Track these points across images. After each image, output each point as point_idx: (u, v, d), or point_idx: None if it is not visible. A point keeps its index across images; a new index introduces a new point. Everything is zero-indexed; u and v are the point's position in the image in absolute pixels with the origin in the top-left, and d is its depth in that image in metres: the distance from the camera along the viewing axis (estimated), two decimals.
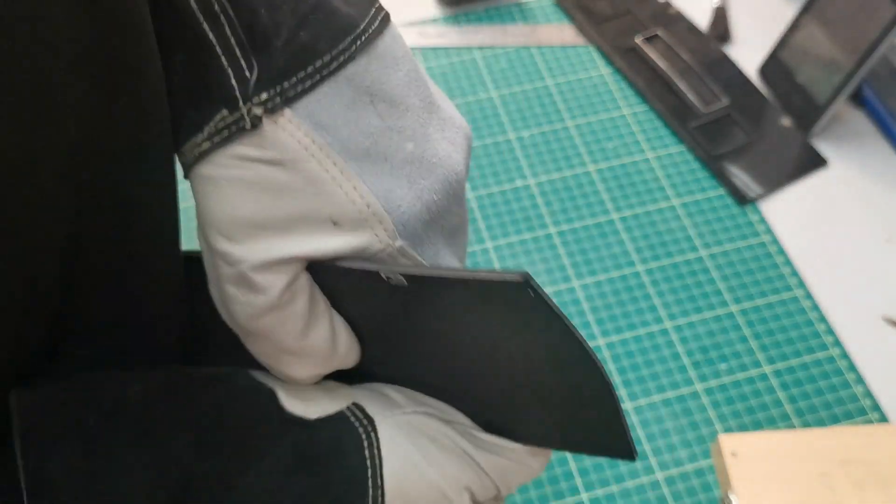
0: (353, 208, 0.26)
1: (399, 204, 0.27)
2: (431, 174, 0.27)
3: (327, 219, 0.26)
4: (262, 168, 0.26)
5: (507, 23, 0.77)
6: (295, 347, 0.28)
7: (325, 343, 0.28)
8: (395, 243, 0.27)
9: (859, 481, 0.46)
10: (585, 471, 0.53)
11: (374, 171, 0.27)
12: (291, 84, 0.26)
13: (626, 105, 0.72)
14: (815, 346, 0.58)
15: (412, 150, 0.27)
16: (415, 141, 0.27)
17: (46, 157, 0.24)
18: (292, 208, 0.26)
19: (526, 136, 0.70)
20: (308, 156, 0.26)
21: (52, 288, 0.27)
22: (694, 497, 0.52)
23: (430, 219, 0.28)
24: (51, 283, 0.26)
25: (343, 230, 0.26)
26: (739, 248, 0.63)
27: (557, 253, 0.63)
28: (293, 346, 0.28)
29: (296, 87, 0.26)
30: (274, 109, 0.25)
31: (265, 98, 0.25)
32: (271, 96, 0.25)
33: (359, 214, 0.26)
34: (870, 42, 0.63)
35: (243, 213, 0.26)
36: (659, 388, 0.56)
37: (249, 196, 0.26)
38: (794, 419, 0.55)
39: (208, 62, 0.25)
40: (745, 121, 0.70)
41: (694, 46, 0.75)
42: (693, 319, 0.59)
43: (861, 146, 0.69)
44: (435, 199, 0.27)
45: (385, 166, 0.27)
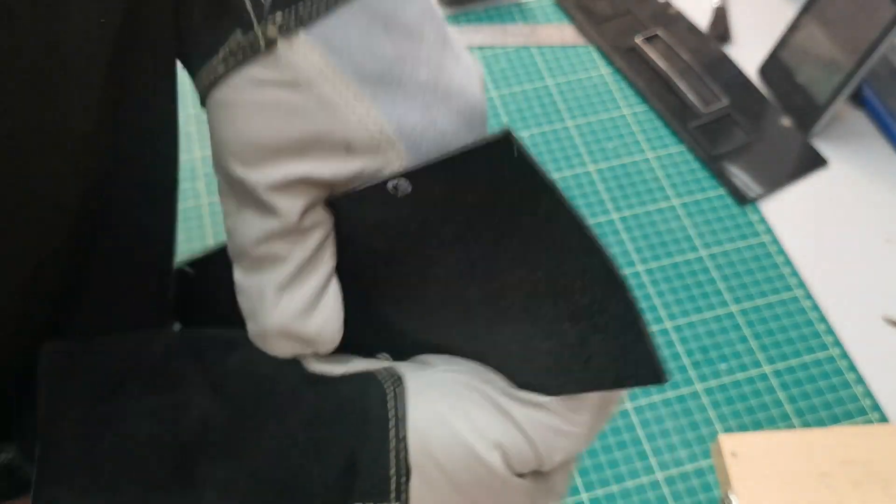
0: (365, 133, 0.26)
1: (412, 130, 0.26)
2: (447, 102, 0.27)
3: (341, 142, 0.26)
4: (277, 90, 0.26)
5: (507, 23, 0.77)
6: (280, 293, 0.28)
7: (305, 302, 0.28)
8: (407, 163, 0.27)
9: (859, 481, 0.46)
10: (585, 471, 0.53)
11: (388, 96, 0.26)
12: (306, 6, 0.25)
13: (626, 105, 0.72)
14: (815, 346, 0.58)
15: (427, 78, 0.27)
16: (429, 68, 0.27)
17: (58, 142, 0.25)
18: (306, 130, 0.26)
19: (526, 137, 0.70)
20: (322, 79, 0.26)
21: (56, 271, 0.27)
22: (694, 497, 0.52)
23: (445, 146, 0.27)
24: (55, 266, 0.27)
25: (356, 154, 0.26)
26: (739, 248, 0.63)
27: None
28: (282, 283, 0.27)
29: (310, 9, 0.25)
30: (289, 31, 0.25)
31: (280, 19, 0.25)
32: (286, 18, 0.25)
33: (371, 139, 0.26)
34: (870, 42, 0.63)
35: (258, 136, 0.26)
36: (659, 388, 0.56)
37: (264, 118, 0.26)
38: (794, 419, 0.55)
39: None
40: (745, 121, 0.70)
41: (694, 46, 0.75)
42: (693, 319, 0.59)
43: (861, 146, 0.69)
44: (451, 128, 0.27)
45: (399, 92, 0.26)
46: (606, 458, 0.53)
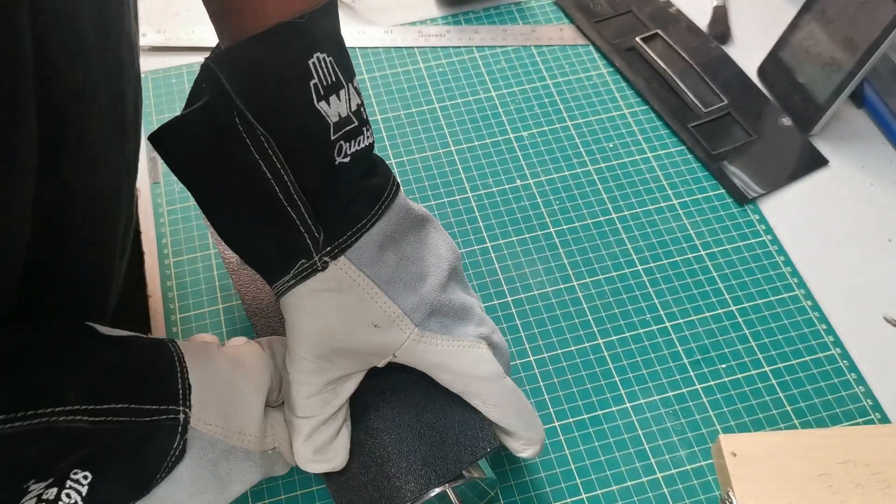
0: (384, 316, 0.41)
1: (412, 309, 0.42)
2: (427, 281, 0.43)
3: (370, 323, 0.41)
4: (327, 294, 0.40)
5: (507, 23, 0.77)
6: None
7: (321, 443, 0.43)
8: (413, 332, 0.42)
9: (859, 481, 0.46)
10: (585, 470, 0.53)
11: (395, 291, 0.42)
12: (345, 239, 0.40)
13: (626, 105, 0.72)
14: (815, 346, 0.58)
15: (415, 271, 0.43)
16: (416, 263, 0.43)
17: None
18: (349, 317, 0.41)
19: (526, 136, 0.69)
20: (356, 285, 0.41)
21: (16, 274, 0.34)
22: (694, 497, 0.52)
23: (432, 310, 0.43)
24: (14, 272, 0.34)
25: (381, 330, 0.41)
26: (739, 247, 0.63)
27: (557, 253, 0.63)
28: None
29: (348, 240, 0.40)
30: (335, 257, 0.40)
31: (329, 250, 0.40)
32: (332, 249, 0.40)
33: (389, 319, 0.41)
34: (870, 41, 0.63)
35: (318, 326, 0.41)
36: (659, 388, 0.56)
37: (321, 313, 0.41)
38: (794, 419, 0.55)
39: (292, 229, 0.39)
40: (745, 120, 0.70)
41: (694, 46, 0.75)
42: (693, 319, 0.59)
43: (861, 146, 0.69)
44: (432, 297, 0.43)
45: (400, 286, 0.42)
46: (606, 458, 0.53)
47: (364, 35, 0.76)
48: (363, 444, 0.44)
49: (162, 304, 0.60)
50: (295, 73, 0.37)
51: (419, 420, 0.45)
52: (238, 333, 0.58)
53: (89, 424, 0.34)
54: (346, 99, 0.39)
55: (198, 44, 0.75)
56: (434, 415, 0.45)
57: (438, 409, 0.45)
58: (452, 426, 0.45)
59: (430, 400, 0.45)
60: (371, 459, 0.44)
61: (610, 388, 0.56)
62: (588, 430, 0.55)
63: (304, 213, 0.39)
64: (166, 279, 0.61)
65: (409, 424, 0.45)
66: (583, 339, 0.58)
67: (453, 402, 0.45)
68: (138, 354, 0.39)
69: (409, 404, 0.45)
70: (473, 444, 0.44)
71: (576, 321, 0.59)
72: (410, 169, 0.67)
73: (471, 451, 0.44)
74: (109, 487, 0.36)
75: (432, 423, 0.45)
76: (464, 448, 0.44)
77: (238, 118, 0.37)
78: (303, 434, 0.43)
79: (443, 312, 0.43)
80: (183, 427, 0.38)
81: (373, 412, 0.45)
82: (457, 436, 0.44)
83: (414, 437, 0.44)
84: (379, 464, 0.44)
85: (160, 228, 0.63)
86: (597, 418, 0.55)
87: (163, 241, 0.63)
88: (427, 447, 0.44)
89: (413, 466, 0.43)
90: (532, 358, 0.57)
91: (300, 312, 0.41)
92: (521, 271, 0.62)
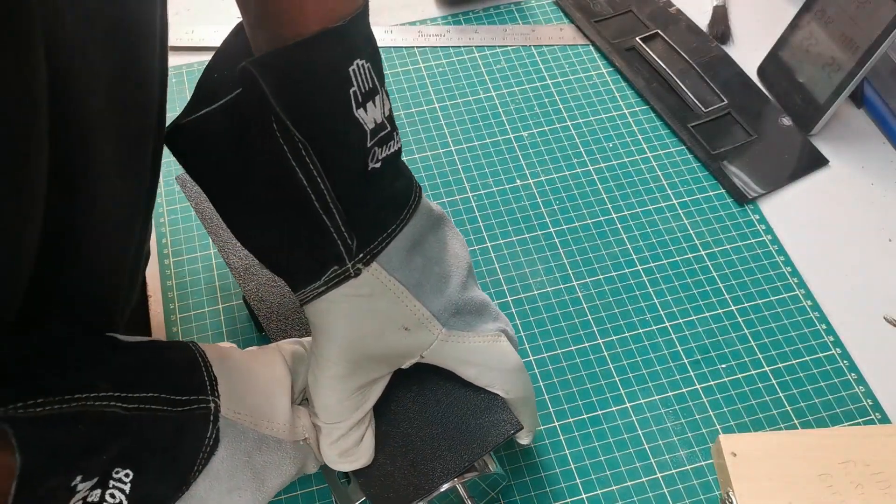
0: (414, 318, 0.42)
1: (440, 310, 0.43)
2: (450, 281, 0.44)
3: (401, 326, 0.42)
4: (360, 300, 0.40)
5: (507, 23, 0.77)
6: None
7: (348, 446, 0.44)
8: (441, 332, 0.43)
9: (859, 481, 0.46)
10: (585, 470, 0.53)
11: (423, 294, 0.42)
12: (376, 245, 0.40)
13: (626, 105, 0.72)
14: (815, 346, 0.58)
15: (438, 272, 0.43)
16: (439, 265, 0.43)
17: None
18: (382, 321, 0.41)
19: (526, 136, 0.69)
20: (388, 290, 0.41)
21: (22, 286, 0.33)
22: (694, 497, 0.52)
23: (457, 310, 0.44)
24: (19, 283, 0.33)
25: (410, 333, 0.42)
26: (739, 247, 0.63)
27: (557, 253, 0.63)
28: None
29: (378, 245, 0.40)
30: (367, 263, 0.40)
31: (361, 257, 0.40)
32: (364, 255, 0.40)
33: (418, 321, 0.42)
34: (870, 41, 0.63)
35: (352, 331, 0.41)
36: (659, 388, 0.56)
37: (354, 318, 0.41)
38: (795, 419, 0.55)
39: (326, 236, 0.39)
40: (745, 120, 0.70)
41: (694, 46, 0.75)
42: (693, 319, 0.59)
43: (861, 146, 0.69)
44: (456, 297, 0.44)
45: (427, 288, 0.42)
46: (606, 458, 0.53)
47: None
48: (387, 435, 0.45)
49: (162, 305, 0.60)
50: (336, 81, 0.37)
51: (440, 407, 0.46)
52: (238, 333, 0.58)
53: (123, 410, 0.35)
54: (381, 104, 0.39)
55: (197, 44, 0.75)
56: (454, 400, 0.46)
57: (458, 394, 0.46)
58: (474, 411, 0.45)
59: (449, 386, 0.46)
60: (396, 449, 0.45)
61: (610, 388, 0.56)
62: (588, 430, 0.55)
63: (339, 221, 0.39)
64: (166, 279, 0.61)
65: (431, 412, 0.45)
66: (583, 339, 0.58)
67: (470, 387, 0.46)
68: (161, 353, 0.39)
69: (428, 392, 0.46)
70: (497, 427, 0.45)
71: (576, 321, 0.59)
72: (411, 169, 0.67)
73: (496, 434, 0.45)
74: (150, 484, 0.36)
75: (453, 408, 0.45)
76: (488, 431, 0.45)
77: (276, 123, 0.36)
78: (331, 438, 0.43)
79: (465, 311, 0.44)
80: (214, 416, 0.38)
81: (393, 403, 0.46)
82: (479, 420, 0.45)
83: (436, 425, 0.45)
84: (404, 453, 0.44)
85: (160, 228, 0.63)
86: (597, 418, 0.55)
87: (163, 241, 0.63)
88: (451, 433, 0.45)
89: (439, 453, 0.44)
90: (532, 358, 0.57)
91: (333, 318, 0.41)
92: (521, 271, 0.62)
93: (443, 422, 0.45)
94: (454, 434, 0.45)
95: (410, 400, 0.46)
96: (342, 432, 0.43)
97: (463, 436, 0.45)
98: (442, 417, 0.45)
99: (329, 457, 0.44)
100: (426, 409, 0.46)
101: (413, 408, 0.46)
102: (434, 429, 0.45)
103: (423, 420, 0.45)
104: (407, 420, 0.45)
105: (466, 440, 0.45)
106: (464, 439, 0.45)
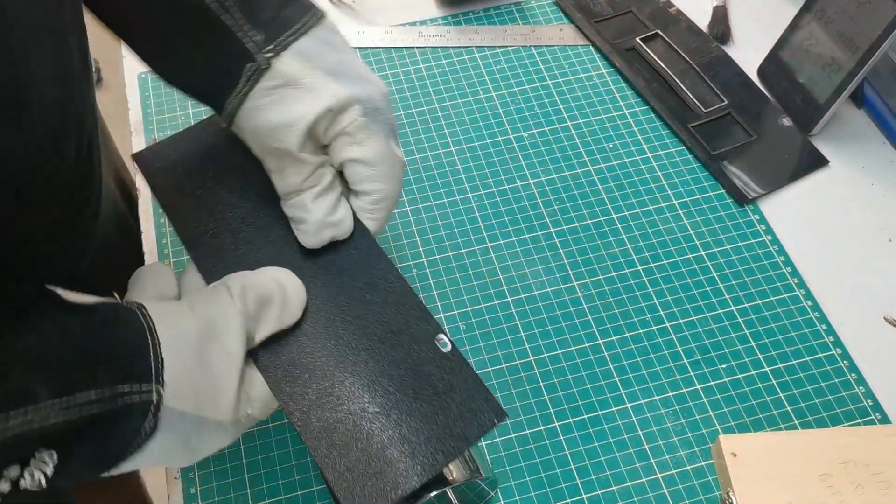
0: (335, 99, 0.43)
1: (359, 96, 0.44)
2: (373, 84, 0.45)
3: (325, 107, 0.43)
4: (280, 89, 0.43)
5: (507, 23, 0.77)
6: None
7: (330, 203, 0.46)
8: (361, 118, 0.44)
9: (859, 481, 0.46)
10: (585, 470, 0.53)
11: (340, 79, 0.44)
12: (283, 38, 0.43)
13: (626, 105, 0.72)
14: (815, 346, 0.58)
15: (359, 72, 0.45)
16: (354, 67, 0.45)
17: None
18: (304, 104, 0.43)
19: (526, 136, 0.69)
20: (303, 74, 0.43)
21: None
22: (694, 497, 0.52)
23: (376, 108, 0.45)
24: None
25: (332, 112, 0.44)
26: (739, 247, 0.63)
27: (558, 253, 0.63)
28: None
29: (286, 39, 0.43)
30: (277, 53, 0.43)
31: (269, 48, 0.42)
32: (273, 47, 0.43)
33: (339, 102, 0.43)
34: (870, 42, 0.63)
35: (282, 118, 0.43)
36: (659, 389, 0.56)
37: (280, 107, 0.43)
38: (795, 419, 0.55)
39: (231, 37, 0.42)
40: (745, 121, 0.70)
41: (694, 46, 0.75)
42: (693, 319, 0.59)
43: (861, 146, 0.69)
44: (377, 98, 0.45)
45: (347, 78, 0.44)
46: (606, 458, 0.53)
47: (364, 35, 0.76)
48: (360, 430, 0.43)
49: None
50: None
51: (417, 397, 0.43)
52: None
53: (63, 418, 0.34)
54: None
55: None
56: (432, 390, 0.43)
57: (436, 384, 0.43)
58: (454, 401, 0.43)
59: (426, 375, 0.44)
60: (370, 445, 0.42)
61: (610, 388, 0.56)
62: (588, 430, 0.55)
63: (240, 19, 0.42)
64: None
65: (407, 404, 0.43)
66: (583, 339, 0.58)
67: (453, 376, 0.43)
68: (107, 328, 0.38)
69: (404, 381, 0.43)
70: (478, 417, 0.42)
71: (576, 321, 0.59)
72: (410, 169, 0.67)
73: (477, 426, 0.42)
74: (75, 467, 0.35)
75: (431, 399, 0.43)
76: (469, 423, 0.42)
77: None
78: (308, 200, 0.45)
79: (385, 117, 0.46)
80: (156, 406, 0.37)
81: (368, 395, 0.43)
82: (459, 410, 0.43)
83: (414, 417, 0.43)
84: (380, 448, 0.42)
85: (160, 229, 0.63)
86: (597, 418, 0.55)
87: (163, 242, 0.63)
88: (429, 426, 0.42)
89: (417, 449, 0.42)
90: (532, 358, 0.57)
91: (262, 111, 0.43)
92: (521, 271, 0.62)
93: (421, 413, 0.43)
94: (434, 427, 0.42)
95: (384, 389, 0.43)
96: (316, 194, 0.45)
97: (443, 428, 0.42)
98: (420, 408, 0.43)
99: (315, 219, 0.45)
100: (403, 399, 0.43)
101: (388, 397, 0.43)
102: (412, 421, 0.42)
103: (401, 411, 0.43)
104: (384, 412, 0.43)
105: (446, 434, 0.42)
106: (444, 432, 0.42)
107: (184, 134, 0.50)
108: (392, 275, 0.46)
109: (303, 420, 0.42)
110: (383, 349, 0.44)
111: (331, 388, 0.43)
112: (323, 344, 0.44)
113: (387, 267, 0.46)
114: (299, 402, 0.42)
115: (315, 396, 0.43)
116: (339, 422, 0.43)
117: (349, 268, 0.47)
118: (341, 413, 0.43)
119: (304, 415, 0.42)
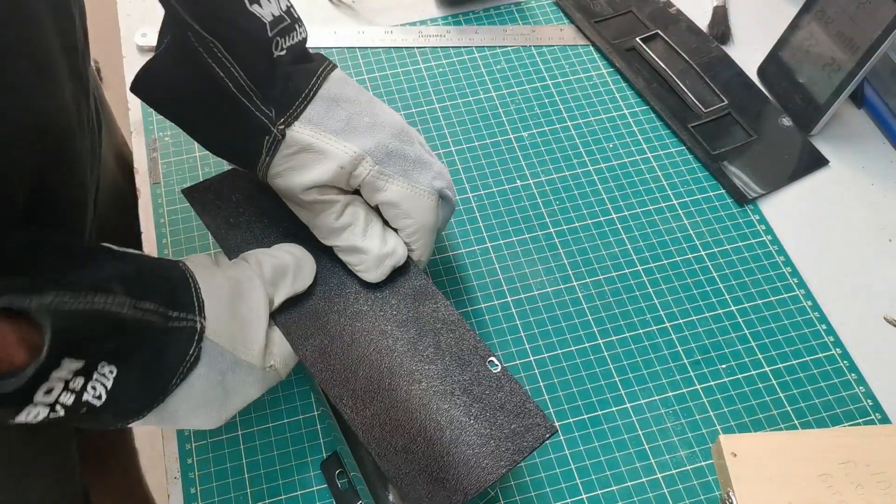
0: (346, 156, 0.48)
1: (369, 148, 0.49)
2: (383, 130, 0.50)
3: (337, 166, 0.48)
4: (295, 155, 0.48)
5: (507, 23, 0.77)
6: None
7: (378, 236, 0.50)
8: (373, 169, 0.49)
9: (859, 481, 0.46)
10: (585, 470, 0.53)
11: (351, 136, 0.49)
12: (293, 110, 0.48)
13: (626, 105, 0.72)
14: (815, 346, 0.58)
15: (368, 121, 0.50)
16: (368, 116, 0.50)
17: None
18: (320, 167, 0.48)
19: (526, 136, 0.69)
20: (314, 139, 0.48)
21: None
22: (694, 497, 0.52)
23: (389, 153, 0.49)
24: None
25: (346, 170, 0.48)
26: (739, 247, 0.63)
27: (558, 253, 0.63)
28: None
29: (295, 110, 0.48)
30: (289, 124, 0.48)
31: (282, 121, 0.48)
32: (285, 119, 0.48)
33: (350, 158, 0.48)
34: (870, 42, 0.63)
35: (303, 179, 0.48)
36: (659, 389, 0.56)
37: (299, 171, 0.49)
38: (795, 419, 0.55)
39: (249, 114, 0.47)
40: (745, 121, 0.70)
41: (694, 46, 0.75)
42: (693, 319, 0.59)
43: (861, 146, 0.69)
44: (388, 142, 0.49)
45: (356, 133, 0.49)
46: (606, 458, 0.53)
47: (364, 35, 0.76)
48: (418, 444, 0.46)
49: None
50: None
51: (478, 402, 0.47)
52: None
53: (131, 316, 0.39)
54: (276, 1, 0.47)
55: None
56: (487, 402, 0.47)
57: (490, 398, 0.47)
58: (508, 413, 0.46)
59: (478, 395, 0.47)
60: (432, 453, 0.46)
61: (610, 388, 0.56)
62: (588, 430, 0.55)
63: (256, 98, 0.47)
64: None
65: (463, 415, 0.46)
66: (583, 339, 0.58)
67: (503, 390, 0.47)
68: (155, 268, 0.43)
69: (457, 396, 0.47)
70: (534, 430, 0.46)
71: (576, 321, 0.59)
72: None
73: (531, 439, 0.46)
74: (130, 386, 0.39)
75: (485, 412, 0.47)
76: (521, 437, 0.46)
77: (189, 32, 0.44)
78: (358, 238, 0.50)
79: (401, 157, 0.50)
80: (199, 335, 0.43)
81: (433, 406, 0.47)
82: (511, 423, 0.46)
83: (468, 433, 0.46)
84: (441, 456, 0.45)
85: (160, 229, 0.63)
86: (597, 418, 0.55)
87: (163, 242, 0.63)
88: (483, 440, 0.46)
89: (473, 461, 0.45)
90: (532, 358, 0.57)
91: (285, 176, 0.49)
92: (521, 271, 0.62)
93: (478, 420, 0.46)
94: (490, 439, 0.46)
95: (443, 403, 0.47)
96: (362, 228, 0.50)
97: (500, 441, 0.45)
98: (478, 415, 0.46)
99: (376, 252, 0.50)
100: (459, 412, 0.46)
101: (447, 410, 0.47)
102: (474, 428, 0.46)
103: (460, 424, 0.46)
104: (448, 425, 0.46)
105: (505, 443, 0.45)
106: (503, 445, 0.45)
107: (231, 173, 0.56)
108: (441, 303, 0.50)
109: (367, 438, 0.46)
110: (439, 369, 0.48)
111: (391, 410, 0.47)
112: (387, 366, 0.48)
113: (435, 294, 0.50)
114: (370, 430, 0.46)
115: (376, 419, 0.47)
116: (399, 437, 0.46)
117: (406, 292, 0.51)
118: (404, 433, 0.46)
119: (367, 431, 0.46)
